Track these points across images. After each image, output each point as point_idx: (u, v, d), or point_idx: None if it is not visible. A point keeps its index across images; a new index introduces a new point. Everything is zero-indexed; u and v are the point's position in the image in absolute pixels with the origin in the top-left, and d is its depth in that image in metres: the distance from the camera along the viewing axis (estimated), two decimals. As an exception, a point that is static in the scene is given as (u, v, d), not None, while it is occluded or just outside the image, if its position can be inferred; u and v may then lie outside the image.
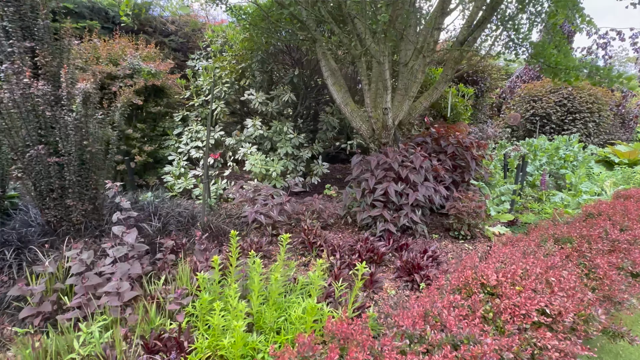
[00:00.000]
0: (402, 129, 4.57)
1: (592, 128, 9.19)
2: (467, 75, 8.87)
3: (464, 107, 6.77)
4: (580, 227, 2.69)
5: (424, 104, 4.32)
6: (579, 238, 2.50)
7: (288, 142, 5.61)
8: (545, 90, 9.63)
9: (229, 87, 5.83)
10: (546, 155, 6.77)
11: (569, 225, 2.83)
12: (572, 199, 4.92)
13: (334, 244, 3.30)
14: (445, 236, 4.10)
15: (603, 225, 2.59)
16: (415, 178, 3.75)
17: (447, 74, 4.14)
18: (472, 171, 4.52)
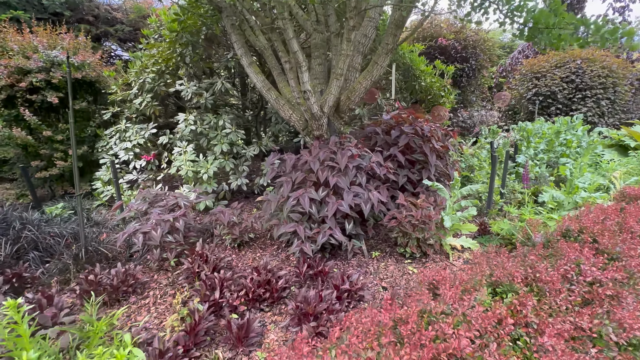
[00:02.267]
0: (342, 117, 3.64)
1: (605, 106, 7.89)
2: (454, 51, 7.72)
3: (442, 87, 5.72)
4: (535, 259, 1.74)
5: (363, 84, 3.37)
6: (527, 282, 1.57)
7: (225, 138, 4.77)
8: (550, 65, 8.35)
9: (156, 77, 5.01)
10: (544, 142, 5.66)
11: (517, 259, 1.88)
12: (566, 197, 3.89)
13: (221, 276, 2.46)
14: (391, 253, 3.20)
15: (575, 256, 1.64)
16: (340, 181, 2.85)
17: (387, 42, 3.16)
18: (432, 167, 3.56)
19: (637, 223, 2.06)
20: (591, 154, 5.10)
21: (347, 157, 2.87)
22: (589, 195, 3.76)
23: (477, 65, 7.93)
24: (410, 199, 3.08)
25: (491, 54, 8.19)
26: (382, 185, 3.19)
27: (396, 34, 3.12)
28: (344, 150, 2.93)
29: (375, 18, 3.43)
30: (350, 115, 3.64)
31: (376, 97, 5.52)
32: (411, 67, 5.68)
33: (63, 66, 5.24)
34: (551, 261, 1.80)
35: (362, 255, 3.13)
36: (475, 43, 7.76)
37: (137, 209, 3.20)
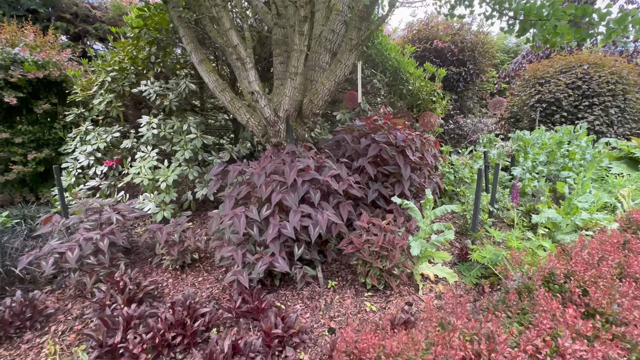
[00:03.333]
0: (306, 123, 3.21)
1: (615, 115, 7.30)
2: (450, 54, 7.26)
3: (432, 92, 5.25)
4: (493, 329, 1.26)
5: (326, 85, 2.93)
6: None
7: (189, 143, 4.37)
8: (555, 71, 7.81)
9: (119, 77, 4.65)
10: (544, 153, 5.14)
11: (475, 320, 1.40)
12: (564, 218, 3.38)
13: (130, 313, 2.03)
14: (352, 282, 2.73)
15: (552, 324, 1.16)
16: (287, 198, 2.41)
17: (351, 37, 2.73)
18: (406, 182, 3.10)
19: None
20: (596, 168, 4.57)
21: (296, 170, 2.43)
22: (591, 217, 3.25)
23: (475, 70, 7.44)
24: (374, 220, 2.62)
25: (491, 57, 7.69)
26: (344, 202, 2.73)
27: (361, 27, 2.68)
28: (293, 162, 2.48)
29: (344, 11, 3.01)
30: (314, 120, 3.21)
31: (359, 102, 5.09)
32: (399, 70, 5.24)
33: (25, 64, 4.93)
34: (524, 319, 1.33)
35: (317, 285, 2.67)
36: (473, 46, 7.28)
37: (62, 224, 2.80)
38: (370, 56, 5.18)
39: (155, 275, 2.90)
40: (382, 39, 5.61)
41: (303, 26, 2.41)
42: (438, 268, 2.75)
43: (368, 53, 5.07)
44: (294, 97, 2.82)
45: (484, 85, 8.64)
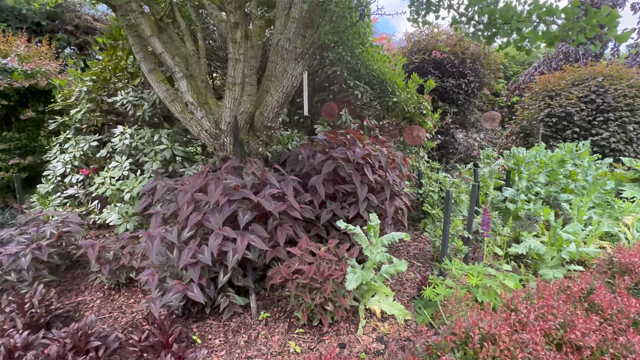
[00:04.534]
0: (259, 136, 3.01)
1: (634, 132, 6.65)
2: (450, 65, 6.91)
3: (418, 104, 4.93)
4: None
5: (274, 96, 2.72)
6: None
7: (159, 154, 4.27)
8: (566, 83, 7.26)
9: (97, 86, 4.66)
10: (544, 172, 4.67)
11: None
12: (548, 250, 2.95)
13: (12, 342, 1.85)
14: (289, 314, 2.44)
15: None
16: (210, 219, 2.19)
17: (295, 45, 2.51)
18: (362, 203, 2.81)
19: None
20: (599, 191, 4.06)
21: (222, 188, 2.21)
22: (578, 251, 2.81)
23: (476, 81, 7.04)
24: (313, 247, 2.34)
25: (494, 69, 7.27)
26: (285, 225, 2.48)
27: (305, 34, 2.46)
28: (220, 180, 2.27)
29: (300, 19, 2.81)
30: (267, 133, 2.99)
31: (339, 114, 4.86)
32: (385, 81, 4.97)
33: (14, 74, 5.07)
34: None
35: (250, 315, 2.41)
36: (474, 57, 6.91)
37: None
38: (354, 67, 4.95)
39: (87, 294, 2.74)
40: (369, 49, 5.39)
41: (235, 33, 2.23)
42: (388, 303, 2.42)
43: (352, 64, 4.85)
44: (237, 108, 2.62)
45: (489, 98, 8.18)
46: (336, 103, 5.39)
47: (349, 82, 4.93)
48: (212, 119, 2.63)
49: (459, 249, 3.22)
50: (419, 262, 3.43)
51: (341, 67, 4.89)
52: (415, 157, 5.28)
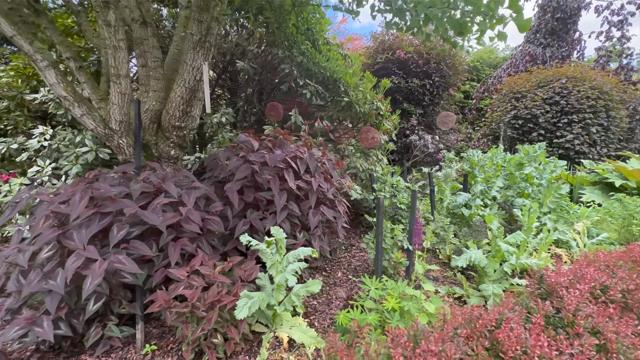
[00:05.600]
0: (169, 137, 2.64)
1: (597, 134, 6.58)
2: (414, 66, 6.71)
3: (372, 106, 4.66)
4: None
5: (177, 92, 2.37)
6: None
7: (81, 157, 3.84)
8: (531, 85, 7.17)
9: (13, 83, 4.20)
10: (502, 176, 4.46)
11: None
12: (490, 262, 2.68)
13: None
14: (178, 350, 2.07)
15: None
16: (74, 237, 1.81)
17: (192, 32, 2.18)
18: (280, 213, 2.48)
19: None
20: (554, 195, 3.86)
21: (87, 199, 1.83)
22: (523, 263, 2.56)
23: (441, 82, 6.86)
24: (204, 268, 1.99)
25: (460, 70, 7.11)
26: (180, 241, 2.12)
27: (202, 19, 2.12)
28: (87, 190, 1.89)
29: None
30: (179, 134, 2.63)
31: (289, 114, 4.54)
32: (338, 80, 4.68)
33: None
34: None
35: (134, 348, 2.03)
36: (438, 57, 6.73)
37: None
38: (305, 65, 4.65)
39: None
40: (323, 46, 5.11)
41: (107, 14, 1.87)
42: (300, 330, 2.08)
43: (303, 62, 4.54)
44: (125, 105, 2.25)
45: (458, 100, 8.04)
46: (287, 103, 5.08)
47: (298, 81, 4.62)
48: (98, 116, 2.25)
49: (398, 261, 2.93)
50: (357, 276, 3.12)
51: (290, 64, 4.57)
52: (373, 160, 5.00)
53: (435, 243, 3.80)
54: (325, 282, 2.98)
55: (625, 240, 3.77)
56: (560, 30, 8.63)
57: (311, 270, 3.05)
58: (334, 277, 3.07)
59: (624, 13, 7.68)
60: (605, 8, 7.89)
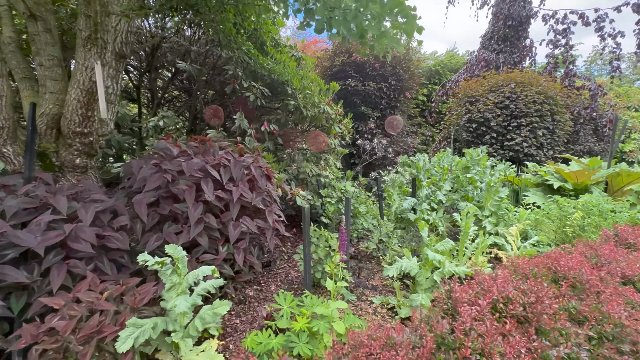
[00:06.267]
0: (71, 145, 2.37)
1: (543, 137, 6.87)
2: (371, 69, 6.70)
3: (319, 109, 4.55)
4: None
5: (72, 94, 2.12)
6: None
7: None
8: (483, 89, 7.39)
9: None
10: (450, 179, 4.49)
11: None
12: (422, 270, 2.62)
13: None
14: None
15: None
16: None
17: (80, 28, 1.95)
18: (195, 227, 2.28)
19: None
20: (495, 199, 3.91)
21: None
22: (448, 270, 2.51)
23: (398, 86, 6.90)
24: (88, 295, 1.76)
25: (414, 73, 7.19)
26: (67, 262, 1.87)
27: (89, 13, 1.90)
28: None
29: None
30: (83, 141, 2.37)
31: (233, 117, 4.34)
32: (285, 82, 4.54)
33: None
34: None
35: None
36: (396, 61, 6.76)
37: None
38: (251, 67, 4.47)
39: None
40: (270, 48, 4.95)
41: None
42: (208, 356, 1.90)
43: (244, 61, 4.36)
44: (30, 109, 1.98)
45: (418, 103, 8.14)
46: (235, 106, 4.87)
47: (243, 84, 4.43)
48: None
49: (332, 272, 2.80)
50: (292, 289, 2.97)
51: (234, 66, 4.37)
52: (324, 165, 4.90)
53: (379, 249, 3.73)
54: (256, 296, 2.81)
55: (561, 241, 3.88)
56: (512, 37, 9.00)
57: (241, 285, 2.86)
58: (266, 291, 2.90)
59: (568, 22, 8.12)
60: (551, 17, 8.30)
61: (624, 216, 3.79)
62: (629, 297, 1.95)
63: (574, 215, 3.69)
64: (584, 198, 4.02)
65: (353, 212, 4.01)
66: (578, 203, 3.94)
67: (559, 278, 1.96)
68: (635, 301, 1.93)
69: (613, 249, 2.53)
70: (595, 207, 3.75)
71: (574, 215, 3.69)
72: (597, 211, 3.75)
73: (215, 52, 4.51)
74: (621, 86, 13.53)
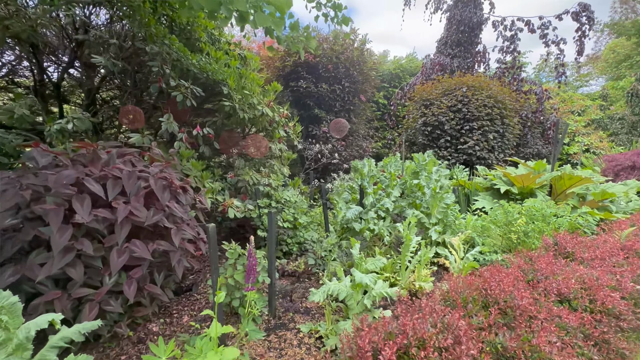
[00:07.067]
0: None
1: (494, 140, 6.97)
2: (323, 70, 6.43)
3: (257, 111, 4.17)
4: None
5: None
6: None
7: None
8: (437, 93, 7.40)
9: None
10: (399, 186, 4.28)
11: None
12: (355, 293, 2.32)
13: None
14: None
15: None
16: None
17: None
18: (60, 256, 1.81)
19: None
20: (442, 205, 3.74)
21: None
22: (376, 292, 2.23)
23: (352, 88, 6.69)
24: None
25: (370, 75, 7.03)
26: None
27: None
28: None
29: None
30: None
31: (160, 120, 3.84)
32: (222, 82, 4.11)
33: None
34: None
35: None
36: (347, 62, 6.55)
37: None
38: (178, 63, 4.01)
39: None
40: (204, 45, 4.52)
41: None
42: None
43: (169, 57, 3.89)
44: None
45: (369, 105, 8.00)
46: (165, 107, 4.37)
47: (170, 82, 3.95)
48: None
49: (251, 299, 2.42)
50: (208, 320, 2.55)
51: (160, 62, 3.89)
52: (267, 172, 4.52)
53: (319, 265, 3.41)
54: (162, 331, 2.37)
55: (507, 248, 3.78)
56: (465, 42, 9.17)
57: (143, 319, 2.40)
58: (177, 324, 2.47)
59: (515, 28, 8.39)
60: (500, 23, 8.55)
61: (565, 221, 3.76)
62: (563, 320, 1.76)
63: (518, 221, 3.59)
64: (528, 203, 3.96)
65: (293, 224, 3.66)
66: (523, 208, 3.87)
67: (490, 303, 1.73)
68: (569, 325, 1.74)
69: (551, 260, 2.38)
70: (538, 212, 3.69)
71: (518, 221, 3.59)
72: (540, 216, 3.69)
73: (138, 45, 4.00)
74: (567, 92, 14.41)
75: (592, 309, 1.91)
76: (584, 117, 12.10)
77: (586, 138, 10.82)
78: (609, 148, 10.51)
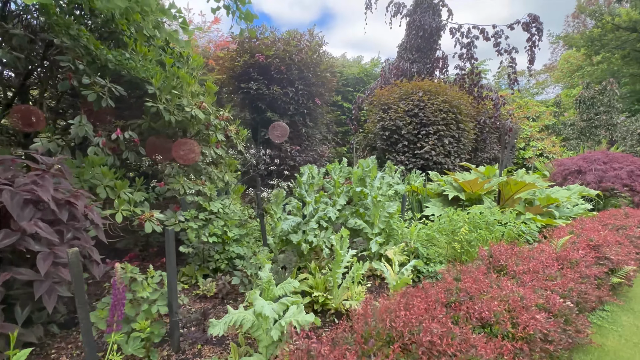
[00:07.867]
0: None
1: (450, 145, 6.96)
2: (276, 72, 6.14)
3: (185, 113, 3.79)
4: None
5: None
6: None
7: None
8: (395, 97, 7.32)
9: None
10: (345, 193, 4.03)
11: None
12: (263, 322, 2.00)
13: None
14: None
15: None
16: None
17: None
18: None
19: None
20: (384, 214, 3.53)
21: None
22: (286, 321, 1.93)
23: (306, 91, 6.44)
24: None
25: (327, 78, 6.82)
26: None
27: None
28: None
29: None
30: None
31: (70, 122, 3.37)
32: (145, 79, 3.70)
33: None
34: None
35: None
36: (304, 64, 6.30)
37: None
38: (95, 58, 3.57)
39: None
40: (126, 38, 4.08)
41: None
42: None
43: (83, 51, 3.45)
44: None
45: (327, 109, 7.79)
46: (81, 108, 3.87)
47: (83, 80, 3.49)
48: None
49: (143, 331, 2.05)
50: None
51: (72, 56, 3.43)
52: (204, 180, 4.13)
53: (244, 284, 3.07)
54: (27, 381, 1.93)
55: (452, 257, 3.63)
56: (424, 48, 9.23)
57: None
58: (50, 368, 2.04)
59: (471, 36, 8.53)
60: (457, 30, 8.68)
61: (509, 228, 3.67)
62: (479, 352, 1.53)
63: (461, 230, 3.45)
64: (473, 210, 3.85)
65: (221, 238, 3.30)
66: (467, 216, 3.74)
67: (394, 338, 1.47)
68: (484, 359, 1.52)
69: (480, 277, 2.19)
70: (481, 219, 3.57)
71: (461, 229, 3.44)
72: (484, 223, 3.57)
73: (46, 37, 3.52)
74: (523, 98, 15.03)
75: (514, 335, 1.72)
76: (538, 122, 12.61)
77: (540, 143, 11.24)
78: (560, 152, 10.97)
